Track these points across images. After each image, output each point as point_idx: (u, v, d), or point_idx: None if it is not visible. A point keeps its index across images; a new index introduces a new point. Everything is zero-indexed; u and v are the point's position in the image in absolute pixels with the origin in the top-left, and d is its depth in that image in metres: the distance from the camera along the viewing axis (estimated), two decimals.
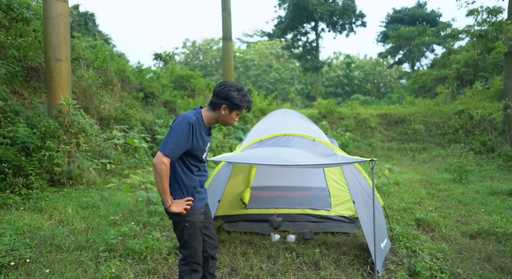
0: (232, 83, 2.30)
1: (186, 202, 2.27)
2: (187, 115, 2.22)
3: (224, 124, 2.36)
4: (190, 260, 2.33)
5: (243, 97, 2.27)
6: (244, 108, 2.31)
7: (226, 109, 2.26)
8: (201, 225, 2.37)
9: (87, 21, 25.61)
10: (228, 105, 2.25)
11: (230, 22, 14.53)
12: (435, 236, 4.44)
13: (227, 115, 2.29)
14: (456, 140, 13.45)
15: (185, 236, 2.29)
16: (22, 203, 5.21)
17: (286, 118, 5.74)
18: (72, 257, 3.46)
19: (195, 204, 2.32)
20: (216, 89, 2.28)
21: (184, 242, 2.31)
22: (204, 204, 2.45)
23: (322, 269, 3.49)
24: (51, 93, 6.91)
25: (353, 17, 27.59)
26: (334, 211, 5.12)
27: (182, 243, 2.34)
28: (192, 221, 2.30)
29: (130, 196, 5.96)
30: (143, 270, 3.30)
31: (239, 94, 2.25)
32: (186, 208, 2.25)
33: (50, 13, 6.82)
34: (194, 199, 2.32)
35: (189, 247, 2.32)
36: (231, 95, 2.23)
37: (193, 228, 2.31)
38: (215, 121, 2.34)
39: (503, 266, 3.52)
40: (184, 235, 2.30)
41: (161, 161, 2.10)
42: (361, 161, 3.19)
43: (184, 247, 2.33)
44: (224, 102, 2.24)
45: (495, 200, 6.25)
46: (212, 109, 2.29)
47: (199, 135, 2.24)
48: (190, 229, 2.30)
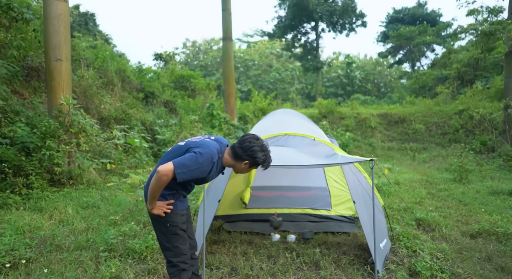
0: (258, 140, 2.34)
1: (167, 206, 2.30)
2: (213, 152, 2.24)
3: (237, 172, 2.46)
4: (176, 261, 2.35)
5: (266, 159, 2.35)
6: (263, 168, 2.40)
7: (247, 164, 2.34)
8: (183, 226, 2.40)
9: (88, 21, 25.62)
10: (250, 162, 2.33)
11: (230, 22, 14.52)
12: (436, 236, 4.44)
13: (246, 168, 2.38)
14: (456, 140, 13.44)
15: (168, 236, 2.33)
16: (22, 203, 5.22)
17: (287, 117, 5.74)
18: (72, 257, 3.46)
19: (177, 206, 2.36)
20: (243, 143, 2.31)
21: (167, 242, 2.34)
22: (186, 207, 2.49)
23: (323, 269, 3.49)
24: (52, 93, 6.91)
25: (353, 17, 27.58)
26: (335, 211, 5.12)
27: (165, 245, 2.36)
28: (174, 222, 2.34)
29: (131, 196, 5.95)
30: (143, 270, 3.30)
31: (264, 154, 2.33)
32: (166, 212, 2.29)
33: (50, 13, 6.82)
34: (177, 201, 2.36)
35: (172, 248, 2.34)
36: (257, 155, 2.30)
37: (175, 228, 2.34)
38: (230, 166, 2.41)
39: (503, 266, 3.51)
40: (166, 235, 2.33)
41: (167, 173, 2.10)
42: (361, 160, 3.18)
43: (167, 248, 2.36)
44: (248, 159, 2.31)
45: (496, 200, 6.24)
46: (234, 157, 2.35)
47: (213, 173, 2.30)
48: (172, 229, 2.33)
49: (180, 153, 2.27)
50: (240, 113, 15.94)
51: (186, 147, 2.30)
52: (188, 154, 2.19)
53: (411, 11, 29.74)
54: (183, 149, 2.30)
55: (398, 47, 28.86)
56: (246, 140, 2.31)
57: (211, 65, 36.80)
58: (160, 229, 2.34)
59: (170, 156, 2.28)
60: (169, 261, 2.36)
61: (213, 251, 3.92)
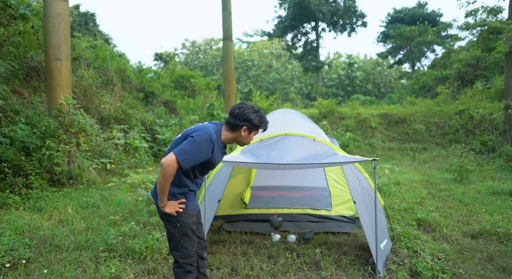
0: (249, 104, 2.37)
1: (179, 205, 2.28)
2: (209, 131, 2.23)
3: (241, 144, 2.44)
4: (183, 262, 2.32)
5: (261, 118, 2.35)
6: (262, 127, 2.39)
7: (246, 130, 2.33)
8: (193, 226, 2.38)
9: (88, 21, 25.61)
10: (248, 127, 2.32)
11: (230, 22, 14.51)
12: (436, 236, 4.42)
13: (246, 136, 2.36)
14: (456, 140, 13.43)
15: (177, 237, 2.31)
16: (22, 203, 5.20)
17: (287, 117, 5.72)
18: (72, 257, 3.45)
19: (188, 206, 2.34)
20: (234, 111, 2.32)
21: (176, 243, 2.32)
22: (196, 206, 2.47)
23: (323, 269, 3.47)
24: (51, 93, 6.89)
25: (353, 17, 27.57)
26: (335, 211, 5.10)
27: (174, 245, 2.34)
28: (185, 222, 2.31)
29: (130, 195, 5.94)
30: (143, 270, 3.29)
31: (258, 115, 2.33)
32: (178, 211, 2.26)
33: (50, 12, 6.81)
34: (188, 201, 2.34)
35: (181, 248, 2.32)
36: (251, 117, 2.29)
37: (186, 228, 2.31)
38: (232, 141, 2.39)
39: (505, 266, 3.50)
40: (175, 236, 2.31)
41: (171, 163, 2.09)
42: (363, 160, 3.17)
43: (175, 248, 2.33)
44: (244, 124, 2.30)
45: (496, 200, 6.23)
46: (231, 129, 2.34)
47: (216, 153, 2.28)
48: (183, 230, 2.30)
49: (179, 143, 2.25)
50: None
51: (182, 136, 2.29)
52: (186, 140, 2.19)
53: (411, 11, 29.73)
54: (181, 139, 2.28)
55: (398, 47, 28.86)
56: (235, 108, 2.33)
57: (211, 65, 36.80)
58: (170, 229, 2.32)
59: (170, 150, 2.27)
60: (176, 261, 2.34)
61: (213, 251, 3.90)
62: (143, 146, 8.64)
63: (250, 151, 3.81)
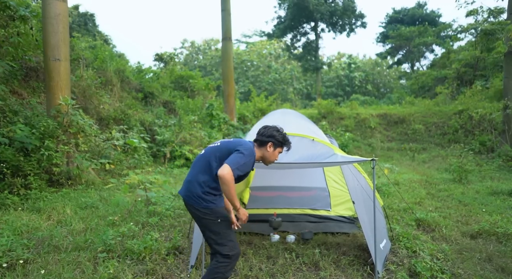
0: (274, 125, 2.74)
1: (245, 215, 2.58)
2: (252, 148, 2.58)
3: (267, 162, 2.73)
4: (233, 254, 2.48)
5: (284, 136, 2.71)
6: (285, 145, 2.72)
7: (271, 147, 2.67)
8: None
9: (87, 22, 25.58)
10: (273, 143, 2.66)
11: (229, 22, 14.50)
12: (436, 236, 4.42)
13: (272, 152, 2.68)
14: (456, 140, 13.44)
15: (221, 232, 2.49)
16: (20, 203, 5.19)
17: (286, 118, 5.70)
18: (70, 257, 3.44)
19: (222, 203, 2.56)
20: (260, 130, 2.70)
21: (221, 238, 2.48)
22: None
23: (322, 269, 3.47)
24: (50, 93, 6.88)
25: (352, 17, 27.58)
26: (334, 211, 5.10)
27: (219, 241, 2.48)
28: (224, 216, 2.53)
29: (129, 196, 5.93)
30: (141, 271, 3.28)
31: (280, 133, 2.69)
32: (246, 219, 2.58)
33: (49, 12, 6.80)
34: (220, 199, 2.55)
35: (228, 242, 2.49)
36: (274, 134, 2.66)
37: (226, 222, 2.53)
38: (260, 158, 2.71)
39: (504, 266, 3.50)
40: (220, 232, 2.49)
41: (229, 172, 2.33)
42: (361, 160, 3.16)
43: (222, 244, 2.48)
44: (270, 140, 2.65)
45: (496, 200, 6.23)
46: (259, 146, 2.68)
47: (252, 166, 2.58)
48: (224, 223, 2.51)
49: (218, 151, 2.51)
50: (239, 114, 15.92)
51: (225, 147, 2.54)
52: (236, 154, 2.44)
53: (410, 12, 29.76)
54: (224, 150, 2.52)
55: (398, 47, 28.90)
56: (262, 128, 2.71)
57: (210, 65, 36.79)
58: (211, 228, 2.48)
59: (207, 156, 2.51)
60: (225, 255, 2.46)
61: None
62: (142, 146, 8.62)
63: None
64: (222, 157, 2.48)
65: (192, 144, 10.73)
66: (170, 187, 6.43)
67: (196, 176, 2.49)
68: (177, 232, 4.31)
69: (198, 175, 2.49)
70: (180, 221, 4.89)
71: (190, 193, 2.48)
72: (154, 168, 9.24)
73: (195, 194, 2.46)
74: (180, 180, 8.40)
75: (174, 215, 5.15)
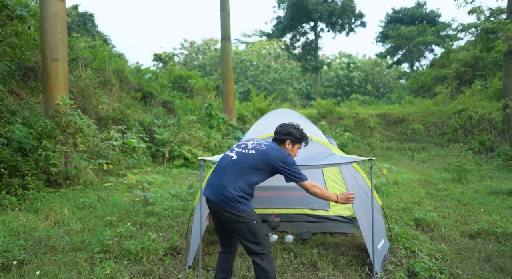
0: (290, 122, 2.81)
1: (350, 195, 2.74)
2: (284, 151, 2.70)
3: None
4: (267, 251, 2.59)
5: (301, 133, 2.79)
6: (303, 141, 2.81)
7: (290, 144, 2.74)
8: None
9: (86, 22, 25.54)
10: (291, 140, 2.73)
11: (228, 22, 14.49)
12: (434, 236, 4.40)
13: (291, 149, 2.75)
14: (455, 140, 13.42)
15: (257, 232, 2.56)
16: (18, 203, 5.17)
17: (284, 117, 5.66)
18: (67, 258, 3.42)
19: (252, 206, 2.65)
20: (278, 129, 2.78)
21: (257, 238, 2.56)
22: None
23: (320, 270, 3.45)
24: (48, 93, 6.86)
25: (352, 17, 27.56)
26: (333, 211, 5.08)
27: (256, 240, 2.56)
28: (258, 218, 2.61)
29: (127, 196, 5.91)
30: (138, 271, 3.26)
31: (297, 130, 2.77)
32: (351, 199, 2.73)
33: (47, 12, 6.78)
34: (251, 203, 2.64)
35: (263, 241, 2.58)
36: (292, 131, 2.73)
37: (259, 223, 2.60)
38: None
39: (503, 266, 3.48)
40: (255, 232, 2.55)
41: (311, 185, 2.59)
42: (359, 160, 3.15)
43: (257, 243, 2.56)
44: (288, 137, 2.72)
45: (495, 200, 6.21)
46: (279, 144, 2.74)
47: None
48: (258, 224, 2.58)
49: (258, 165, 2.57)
50: (239, 113, 15.90)
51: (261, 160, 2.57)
52: (289, 165, 2.57)
53: (410, 11, 29.74)
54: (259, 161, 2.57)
55: (397, 47, 28.89)
56: (279, 126, 2.78)
57: (210, 65, 36.75)
58: (246, 230, 2.54)
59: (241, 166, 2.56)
60: (262, 254, 2.56)
61: (210, 252, 3.88)
62: (141, 146, 8.60)
63: None
64: (260, 168, 2.56)
65: (191, 144, 10.72)
66: (168, 187, 6.41)
67: (232, 181, 2.52)
68: (175, 232, 4.29)
69: (234, 180, 2.52)
70: (178, 222, 4.87)
71: (226, 198, 2.49)
72: (153, 168, 9.22)
73: (232, 198, 2.49)
74: (179, 180, 8.37)
75: (172, 215, 5.13)
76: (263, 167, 2.57)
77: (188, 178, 8.39)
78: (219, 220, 2.65)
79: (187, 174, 8.97)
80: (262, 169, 2.57)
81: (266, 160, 2.57)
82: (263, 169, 2.58)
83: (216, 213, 2.60)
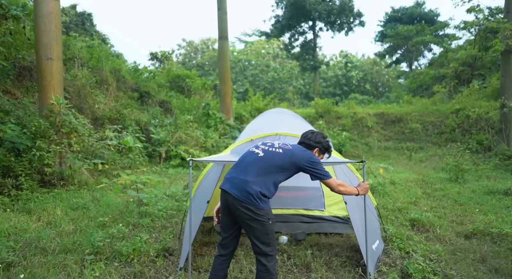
0: (319, 131, 2.89)
1: (367, 185, 2.87)
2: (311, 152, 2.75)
3: None
4: (274, 253, 2.58)
5: (329, 143, 2.86)
6: (328, 153, 2.87)
7: (317, 152, 2.79)
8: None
9: (85, 21, 25.47)
10: (319, 148, 2.79)
11: (226, 21, 14.43)
12: (430, 237, 4.37)
13: (317, 157, 2.75)
14: (453, 139, 13.39)
15: (270, 233, 2.54)
16: (10, 204, 5.12)
17: (280, 117, 5.65)
18: (57, 260, 3.37)
19: (269, 205, 2.61)
20: (307, 135, 2.83)
21: (269, 239, 2.54)
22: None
23: (313, 271, 3.42)
24: (42, 93, 6.81)
25: (350, 16, 27.52)
26: (328, 212, 5.04)
27: (267, 241, 2.53)
28: (274, 218, 2.60)
29: (121, 197, 5.87)
30: (129, 274, 3.22)
31: (326, 140, 2.84)
32: (367, 188, 2.88)
33: (41, 11, 6.72)
34: (269, 202, 2.60)
35: (273, 242, 2.57)
36: (321, 140, 2.80)
37: (274, 223, 2.59)
38: None
39: (497, 267, 3.45)
40: (269, 232, 2.53)
41: (336, 183, 2.66)
42: (351, 162, 3.11)
43: (268, 244, 2.54)
44: (317, 145, 2.78)
45: (491, 200, 6.18)
46: (306, 149, 2.76)
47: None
48: (272, 224, 2.56)
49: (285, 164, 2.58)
50: (236, 113, 15.85)
51: (289, 160, 2.60)
52: (315, 165, 2.60)
53: (409, 11, 29.69)
54: (287, 162, 2.59)
55: (396, 46, 28.85)
56: (309, 132, 2.84)
57: (209, 65, 36.68)
58: (260, 229, 2.49)
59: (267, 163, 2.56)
60: (270, 255, 2.54)
61: (203, 253, 3.84)
62: (137, 146, 8.55)
63: (240, 152, 3.75)
64: (285, 168, 2.58)
65: (188, 144, 10.67)
66: (163, 187, 6.37)
67: (256, 178, 2.49)
68: (168, 233, 4.26)
69: (259, 177, 2.49)
70: (172, 222, 4.82)
71: (248, 193, 2.45)
72: (150, 168, 9.18)
73: (254, 195, 2.44)
74: (176, 180, 8.32)
75: (166, 216, 5.09)
76: (289, 167, 2.59)
77: (184, 178, 8.35)
78: (233, 216, 2.58)
79: (183, 174, 8.92)
80: (287, 168, 2.60)
81: (292, 159, 2.59)
82: (288, 168, 2.60)
83: (232, 208, 2.53)
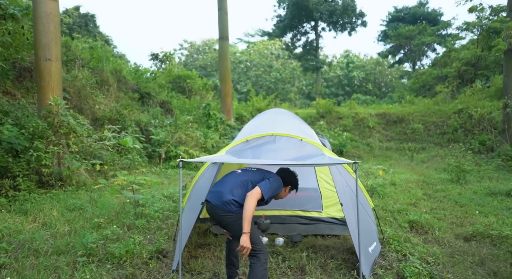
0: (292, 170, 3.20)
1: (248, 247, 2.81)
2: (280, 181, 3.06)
3: (278, 198, 3.15)
4: (265, 250, 2.78)
5: (297, 181, 3.20)
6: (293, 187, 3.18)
7: (288, 188, 3.15)
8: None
9: (88, 23, 25.58)
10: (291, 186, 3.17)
11: (226, 22, 14.40)
12: (428, 239, 4.30)
13: (286, 193, 3.18)
14: (455, 140, 13.27)
15: (257, 236, 2.80)
16: (8, 205, 5.11)
17: (278, 117, 5.59)
18: (48, 262, 3.33)
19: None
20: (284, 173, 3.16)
21: (258, 242, 2.74)
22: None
23: (308, 274, 3.37)
24: (41, 93, 6.81)
25: (353, 16, 27.39)
26: (326, 213, 4.99)
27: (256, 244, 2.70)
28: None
29: (118, 197, 5.84)
30: (120, 276, 3.18)
31: (296, 178, 3.18)
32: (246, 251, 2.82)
33: (40, 12, 6.73)
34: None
35: (260, 243, 2.76)
36: (295, 180, 3.17)
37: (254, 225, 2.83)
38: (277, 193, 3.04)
39: (496, 270, 3.38)
40: (257, 236, 2.80)
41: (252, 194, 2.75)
42: (344, 162, 3.06)
43: (257, 246, 2.71)
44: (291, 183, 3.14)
45: (493, 201, 6.09)
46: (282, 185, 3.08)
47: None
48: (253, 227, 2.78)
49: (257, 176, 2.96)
50: (237, 113, 15.82)
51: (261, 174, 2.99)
52: (267, 181, 2.88)
53: (412, 10, 29.51)
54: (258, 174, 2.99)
55: (399, 46, 28.67)
56: (286, 171, 3.17)
57: (211, 65, 36.67)
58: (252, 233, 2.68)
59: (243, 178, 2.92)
60: (259, 251, 2.72)
61: (197, 255, 3.80)
62: (136, 146, 8.53)
63: (235, 152, 3.70)
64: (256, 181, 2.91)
65: (188, 145, 10.65)
66: (160, 188, 6.34)
67: (231, 189, 2.83)
68: (163, 234, 4.22)
69: (233, 188, 2.83)
70: (168, 223, 4.79)
71: (221, 200, 2.79)
72: (149, 168, 9.16)
73: (227, 201, 2.76)
74: (175, 181, 8.34)
75: (162, 217, 5.05)
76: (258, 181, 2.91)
77: (183, 179, 8.32)
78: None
79: (182, 174, 8.89)
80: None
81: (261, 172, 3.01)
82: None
83: (214, 215, 2.88)
